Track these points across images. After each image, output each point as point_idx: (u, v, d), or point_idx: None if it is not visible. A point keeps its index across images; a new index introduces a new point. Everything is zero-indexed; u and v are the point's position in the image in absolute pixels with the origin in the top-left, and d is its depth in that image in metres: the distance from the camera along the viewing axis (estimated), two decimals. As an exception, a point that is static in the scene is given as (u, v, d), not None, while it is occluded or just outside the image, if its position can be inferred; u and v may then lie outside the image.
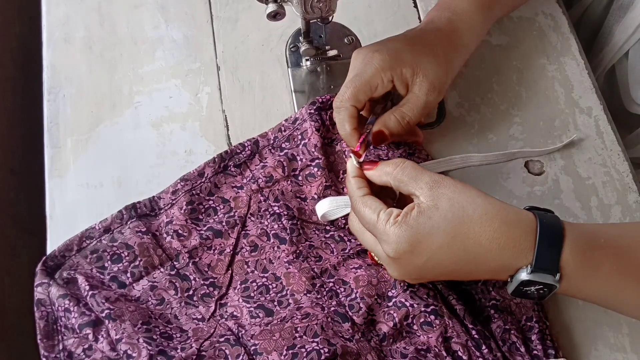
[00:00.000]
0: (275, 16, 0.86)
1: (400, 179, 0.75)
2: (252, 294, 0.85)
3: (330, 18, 0.90)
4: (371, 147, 0.91)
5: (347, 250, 0.87)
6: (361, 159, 0.80)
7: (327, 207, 0.87)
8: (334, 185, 0.90)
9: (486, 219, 0.70)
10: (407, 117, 0.86)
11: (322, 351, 0.76)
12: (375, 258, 0.84)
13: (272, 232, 0.88)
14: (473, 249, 0.70)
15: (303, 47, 0.98)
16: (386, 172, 0.76)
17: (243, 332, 0.81)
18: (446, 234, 0.70)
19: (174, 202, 0.90)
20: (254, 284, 0.86)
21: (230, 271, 0.87)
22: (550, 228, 0.71)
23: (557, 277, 0.70)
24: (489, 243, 0.70)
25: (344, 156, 0.93)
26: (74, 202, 0.95)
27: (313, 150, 0.91)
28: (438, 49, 0.88)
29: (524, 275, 0.70)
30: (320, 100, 0.93)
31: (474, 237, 0.70)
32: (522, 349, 0.81)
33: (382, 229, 0.72)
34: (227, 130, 0.99)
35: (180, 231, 0.88)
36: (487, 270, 0.72)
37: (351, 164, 0.80)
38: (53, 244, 0.91)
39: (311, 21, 0.94)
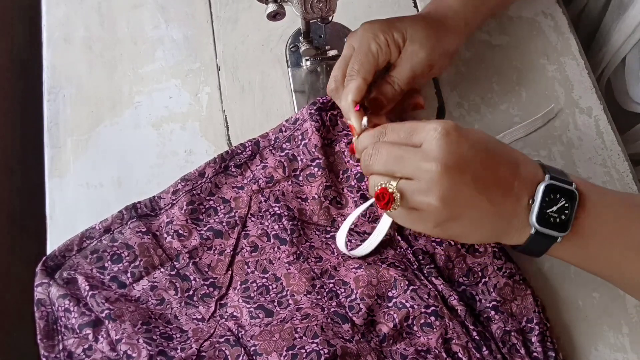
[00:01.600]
0: (275, 16, 0.86)
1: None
2: (252, 295, 0.85)
3: (330, 18, 0.90)
4: None
5: (347, 251, 0.87)
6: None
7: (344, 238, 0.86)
8: (334, 186, 0.90)
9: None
10: (396, 79, 0.87)
11: (321, 352, 0.76)
12: (390, 192, 0.74)
13: (273, 232, 0.88)
14: (505, 148, 0.75)
15: (303, 47, 0.98)
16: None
17: (243, 332, 0.81)
18: (482, 132, 0.75)
19: (174, 202, 0.90)
20: (254, 284, 0.86)
21: (230, 271, 0.87)
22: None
23: (574, 186, 0.73)
24: (512, 149, 0.76)
25: (344, 156, 0.92)
26: (74, 202, 0.95)
27: (313, 150, 0.91)
28: (427, 22, 0.90)
29: (544, 184, 0.73)
30: (320, 100, 0.93)
31: (501, 144, 0.76)
32: (522, 351, 0.81)
33: (425, 124, 0.73)
34: (227, 130, 0.99)
35: (180, 231, 0.88)
36: (520, 172, 0.74)
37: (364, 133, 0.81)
38: (53, 244, 0.91)
39: (311, 21, 0.94)
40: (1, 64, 1.20)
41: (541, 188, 0.72)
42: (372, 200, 0.80)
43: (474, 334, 0.80)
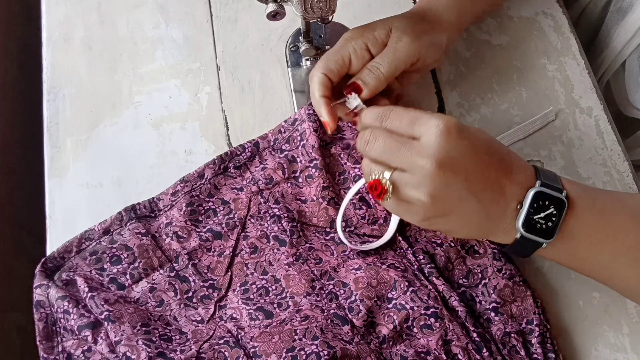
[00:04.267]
0: (275, 16, 0.86)
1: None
2: (251, 296, 0.85)
3: (330, 18, 0.90)
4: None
5: (347, 252, 0.87)
6: (329, 130, 0.84)
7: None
8: (332, 186, 0.90)
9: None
10: (378, 65, 0.85)
11: (321, 354, 0.76)
12: (383, 184, 0.75)
13: (272, 234, 0.88)
14: (502, 149, 0.76)
15: (303, 46, 0.98)
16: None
17: (242, 334, 0.81)
18: (483, 132, 0.76)
19: (173, 203, 0.90)
20: (254, 286, 0.86)
21: (229, 273, 0.87)
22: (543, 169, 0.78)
23: (564, 194, 0.74)
24: (509, 151, 0.77)
25: (340, 159, 0.92)
26: (74, 202, 0.95)
27: (311, 151, 0.91)
28: (413, 15, 0.90)
29: (534, 190, 0.74)
30: (319, 101, 0.93)
31: (499, 145, 0.76)
32: (522, 352, 0.81)
33: (429, 117, 0.72)
34: (227, 130, 0.99)
35: (179, 232, 0.88)
36: (512, 176, 0.75)
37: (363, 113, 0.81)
38: (53, 244, 0.91)
39: (311, 21, 0.94)
40: (1, 64, 1.20)
41: (530, 194, 0.73)
42: (362, 182, 0.83)
43: (474, 335, 0.80)
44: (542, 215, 0.73)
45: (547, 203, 0.73)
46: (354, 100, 0.83)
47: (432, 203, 0.72)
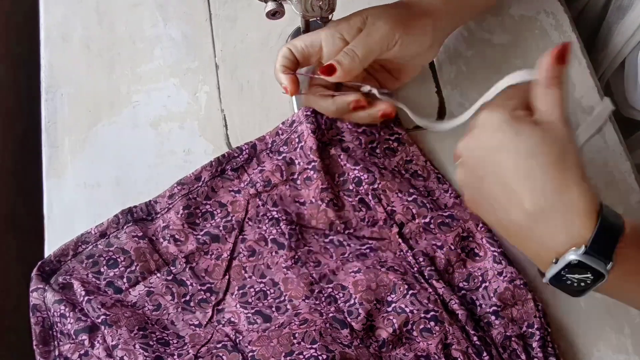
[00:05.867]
0: (274, 15, 0.86)
1: None
2: (249, 300, 0.85)
3: (330, 17, 0.90)
4: (366, 154, 0.93)
5: (346, 255, 0.87)
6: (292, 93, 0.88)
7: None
8: (331, 188, 0.90)
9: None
10: (353, 47, 0.85)
11: (320, 357, 0.76)
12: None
13: (271, 237, 0.88)
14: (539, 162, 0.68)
15: (302, 46, 0.98)
16: None
17: (240, 338, 0.81)
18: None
19: (170, 206, 0.89)
20: (252, 289, 0.86)
21: (227, 276, 0.87)
22: (611, 213, 0.66)
23: (609, 267, 0.64)
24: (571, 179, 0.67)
25: (339, 160, 0.92)
26: (72, 202, 0.95)
27: (309, 152, 0.90)
28: (394, 6, 0.90)
29: (573, 256, 0.65)
30: (317, 102, 0.93)
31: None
32: (523, 356, 0.80)
33: (486, 108, 0.76)
34: (226, 129, 0.99)
35: (176, 236, 0.88)
36: (542, 197, 0.67)
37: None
38: (51, 244, 0.91)
39: (311, 20, 0.93)
40: (-1, 63, 1.20)
41: (569, 257, 0.65)
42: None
43: (475, 339, 0.80)
44: (576, 276, 0.67)
45: (585, 269, 0.65)
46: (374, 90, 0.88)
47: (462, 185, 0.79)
